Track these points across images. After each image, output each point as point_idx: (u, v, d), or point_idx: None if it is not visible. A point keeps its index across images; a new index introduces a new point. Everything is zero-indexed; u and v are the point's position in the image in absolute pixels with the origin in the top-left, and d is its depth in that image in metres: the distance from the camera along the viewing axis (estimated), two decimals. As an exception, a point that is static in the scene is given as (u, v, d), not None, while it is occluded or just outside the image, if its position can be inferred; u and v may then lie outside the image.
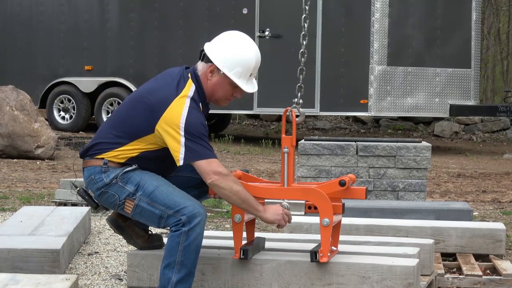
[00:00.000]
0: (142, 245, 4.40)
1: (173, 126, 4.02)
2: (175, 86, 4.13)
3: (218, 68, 4.15)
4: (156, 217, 4.10)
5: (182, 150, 4.02)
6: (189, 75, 4.18)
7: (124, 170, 4.14)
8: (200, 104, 4.16)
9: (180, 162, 4.04)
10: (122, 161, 4.17)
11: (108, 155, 4.17)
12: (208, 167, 4.03)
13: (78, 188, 4.34)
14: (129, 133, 4.16)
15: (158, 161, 4.20)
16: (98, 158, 4.18)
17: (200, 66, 4.21)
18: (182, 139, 4.01)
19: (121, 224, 4.38)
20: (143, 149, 4.16)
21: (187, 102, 4.07)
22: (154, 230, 4.86)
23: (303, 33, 4.60)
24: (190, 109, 4.05)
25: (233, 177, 4.08)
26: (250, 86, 4.25)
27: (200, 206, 4.09)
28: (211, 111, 4.48)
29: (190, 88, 4.13)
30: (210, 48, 4.19)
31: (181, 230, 4.02)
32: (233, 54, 4.16)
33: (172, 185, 4.18)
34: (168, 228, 4.12)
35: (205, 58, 4.19)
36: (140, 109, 4.14)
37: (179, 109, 4.04)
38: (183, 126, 4.01)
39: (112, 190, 4.16)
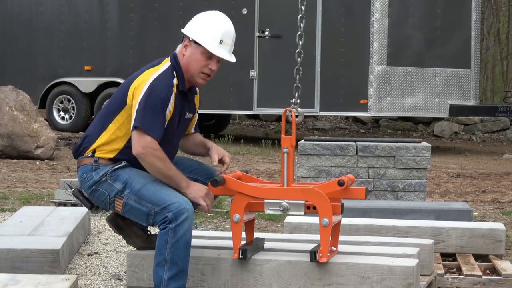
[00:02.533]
0: (141, 245, 4.41)
1: (136, 91, 4.14)
2: (150, 65, 4.31)
3: (190, 41, 4.23)
4: (144, 214, 4.13)
5: (134, 114, 4.12)
6: (167, 57, 4.32)
7: (114, 168, 4.19)
8: (176, 79, 4.21)
9: (131, 126, 4.12)
10: (112, 155, 4.21)
11: (96, 146, 4.23)
12: (140, 139, 4.08)
13: (73, 189, 4.37)
14: (108, 114, 4.27)
15: None
16: (89, 157, 4.24)
17: (178, 47, 4.32)
18: (137, 105, 4.11)
19: (119, 223, 4.40)
20: (124, 130, 4.20)
21: (156, 73, 4.18)
22: (154, 230, 4.86)
23: (299, 33, 4.61)
24: (156, 79, 4.15)
25: (159, 154, 4.08)
26: (221, 51, 4.23)
27: (187, 202, 4.09)
28: (211, 111, 4.51)
29: (165, 64, 4.26)
30: (185, 26, 4.31)
31: (168, 227, 4.04)
32: (202, 22, 4.26)
33: (161, 182, 4.19)
34: (157, 226, 4.14)
35: (183, 39, 4.31)
36: (119, 90, 4.32)
37: (146, 78, 4.17)
38: (142, 92, 4.11)
39: (102, 188, 4.20)
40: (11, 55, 16.30)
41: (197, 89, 4.49)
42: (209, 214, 4.31)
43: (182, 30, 4.30)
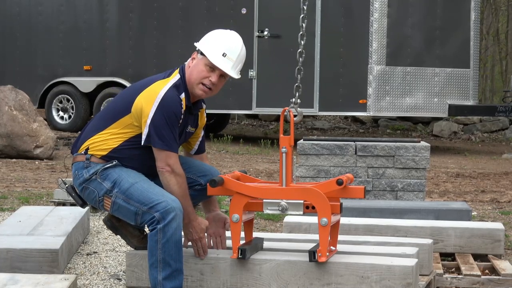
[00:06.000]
0: (137, 245, 4.42)
1: (147, 104, 4.12)
2: (162, 75, 4.29)
3: (197, 53, 4.26)
4: (132, 213, 4.14)
5: (145, 131, 4.13)
6: (177, 69, 4.32)
7: (104, 166, 4.21)
8: (184, 94, 4.22)
9: (142, 142, 4.15)
10: (104, 153, 4.22)
11: (90, 143, 4.24)
12: (166, 159, 4.13)
13: (67, 185, 4.39)
14: (109, 117, 4.27)
15: (141, 158, 4.21)
16: (82, 154, 4.26)
17: (189, 59, 4.34)
18: (148, 121, 4.11)
19: (115, 224, 4.41)
20: (121, 134, 4.21)
21: (167, 86, 4.17)
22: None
23: (301, 33, 4.61)
24: (167, 93, 4.15)
25: (181, 180, 4.15)
26: (222, 63, 4.23)
27: (174, 200, 4.09)
28: (210, 111, 4.53)
29: (174, 77, 4.24)
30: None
31: (157, 228, 4.06)
32: (212, 35, 4.28)
33: (150, 182, 4.21)
34: (146, 225, 4.16)
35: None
36: (124, 95, 4.30)
37: (157, 90, 4.16)
38: (154, 108, 4.11)
39: (92, 186, 4.22)
40: (11, 55, 16.30)
41: (204, 105, 4.50)
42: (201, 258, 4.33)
43: (195, 44, 4.32)
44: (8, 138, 11.70)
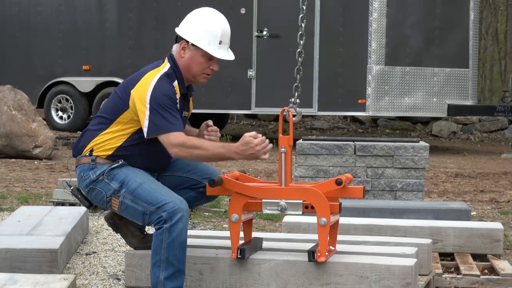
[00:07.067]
0: (137, 244, 4.42)
1: (141, 97, 4.13)
2: (151, 66, 4.29)
3: (188, 43, 4.23)
4: (140, 213, 4.14)
5: (146, 123, 4.12)
6: (166, 58, 4.30)
7: (111, 167, 4.21)
8: (177, 82, 4.22)
9: (145, 135, 4.14)
10: (110, 152, 4.23)
11: (94, 144, 4.24)
12: (168, 142, 4.10)
13: (71, 187, 4.39)
14: (109, 114, 4.27)
15: (147, 153, 4.21)
16: (86, 156, 4.26)
17: (174, 47, 4.32)
18: (147, 112, 4.11)
19: (116, 222, 4.42)
20: (124, 131, 4.21)
21: (157, 75, 4.18)
22: (151, 230, 4.86)
23: (300, 32, 4.62)
24: (158, 82, 4.15)
25: (190, 144, 4.08)
26: (222, 53, 4.26)
27: (182, 201, 4.10)
28: (209, 111, 4.52)
29: (164, 66, 4.25)
30: (179, 26, 4.30)
31: (163, 227, 4.06)
32: (198, 24, 4.24)
33: (157, 182, 4.22)
34: (153, 225, 4.16)
35: (177, 39, 4.30)
36: (120, 91, 4.30)
37: (148, 81, 4.16)
38: (148, 98, 4.11)
39: (99, 186, 4.22)
40: (10, 55, 16.30)
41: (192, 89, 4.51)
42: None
43: (177, 31, 4.29)
44: (7, 138, 11.70)
